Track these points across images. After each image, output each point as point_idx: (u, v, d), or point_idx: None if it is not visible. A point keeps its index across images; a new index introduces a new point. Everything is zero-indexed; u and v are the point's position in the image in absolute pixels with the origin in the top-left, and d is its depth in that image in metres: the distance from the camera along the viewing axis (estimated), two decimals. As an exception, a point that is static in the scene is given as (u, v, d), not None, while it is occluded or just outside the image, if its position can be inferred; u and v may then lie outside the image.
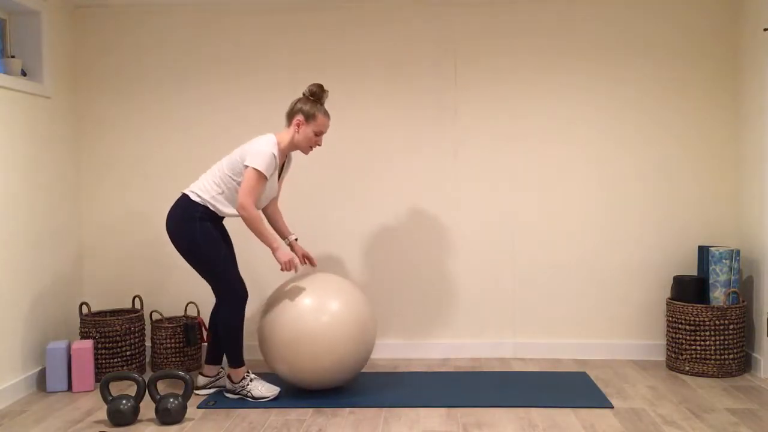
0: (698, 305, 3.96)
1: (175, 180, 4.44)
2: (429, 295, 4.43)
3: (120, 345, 4.08)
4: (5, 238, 3.72)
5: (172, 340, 4.19)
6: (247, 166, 3.48)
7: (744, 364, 4.01)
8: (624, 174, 4.33)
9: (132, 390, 3.86)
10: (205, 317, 4.45)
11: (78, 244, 4.45)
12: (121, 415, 3.32)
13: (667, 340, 4.13)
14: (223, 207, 3.58)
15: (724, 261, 3.97)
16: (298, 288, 3.60)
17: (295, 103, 3.63)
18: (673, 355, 4.08)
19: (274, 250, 3.55)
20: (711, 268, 4.02)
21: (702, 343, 3.95)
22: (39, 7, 4.05)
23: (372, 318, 3.68)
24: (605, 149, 4.33)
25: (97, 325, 4.05)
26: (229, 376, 3.67)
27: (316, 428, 3.25)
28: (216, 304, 3.70)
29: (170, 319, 4.35)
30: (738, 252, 3.99)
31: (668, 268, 4.33)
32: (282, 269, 3.56)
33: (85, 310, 4.32)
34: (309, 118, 3.58)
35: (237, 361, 3.63)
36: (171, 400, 3.35)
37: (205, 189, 3.58)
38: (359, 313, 3.59)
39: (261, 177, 3.48)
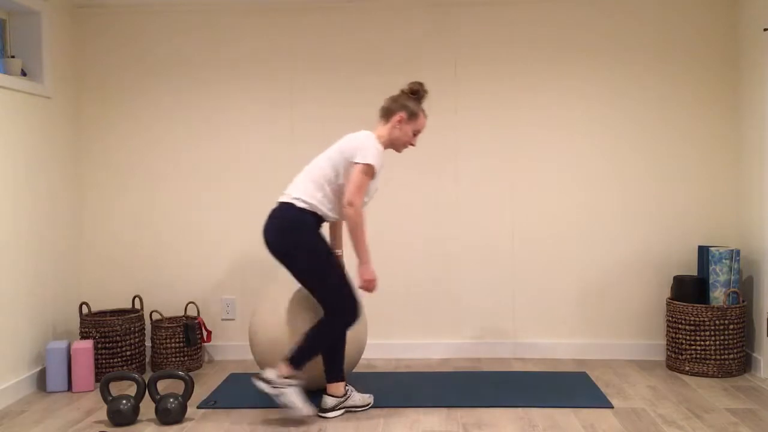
0: (698, 305, 3.96)
1: (176, 180, 4.44)
2: (429, 295, 4.43)
3: (120, 345, 4.08)
4: (5, 237, 3.72)
5: (172, 340, 4.19)
6: (356, 163, 3.26)
7: (744, 364, 4.01)
8: (624, 174, 4.33)
9: (132, 390, 3.86)
10: (205, 317, 4.46)
11: (78, 245, 4.45)
12: (121, 415, 3.31)
13: (667, 340, 4.13)
14: (328, 211, 3.34)
15: (724, 261, 3.97)
16: (287, 288, 3.62)
17: (396, 100, 3.43)
18: (673, 355, 4.08)
19: (363, 262, 3.29)
20: (711, 268, 4.02)
21: (702, 343, 3.95)
22: (39, 7, 4.05)
23: (362, 319, 3.68)
24: (605, 149, 4.33)
25: (97, 325, 4.05)
26: (327, 393, 3.40)
27: (316, 428, 3.25)
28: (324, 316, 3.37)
29: (170, 319, 4.35)
30: (738, 252, 3.99)
31: (668, 268, 4.33)
32: (360, 286, 3.32)
33: (85, 310, 4.32)
34: (412, 116, 3.41)
35: (339, 375, 3.40)
36: (171, 400, 3.35)
37: (309, 194, 3.32)
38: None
39: (371, 172, 3.27)
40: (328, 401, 3.39)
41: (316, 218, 3.33)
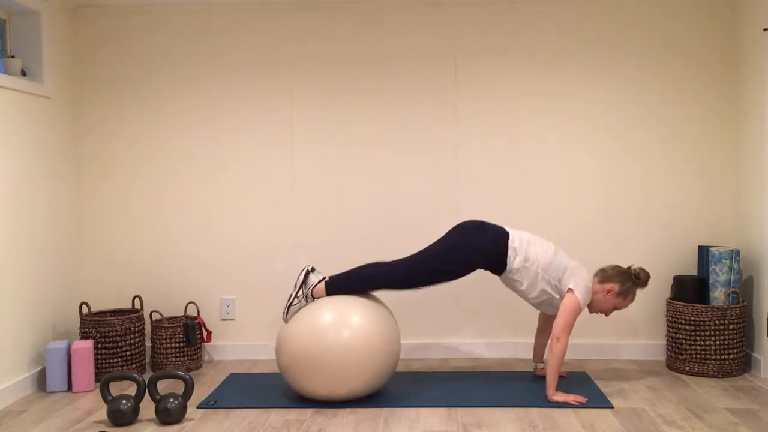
0: (698, 305, 3.96)
1: (176, 180, 4.44)
2: (429, 295, 4.42)
3: (120, 345, 4.08)
4: (5, 237, 3.72)
5: (172, 340, 4.19)
6: (571, 290, 3.55)
7: (744, 364, 4.01)
8: (624, 173, 4.33)
9: (132, 390, 3.86)
10: (205, 317, 4.46)
11: (78, 244, 4.45)
12: (121, 415, 3.32)
13: (667, 340, 4.13)
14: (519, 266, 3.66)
15: (724, 261, 3.97)
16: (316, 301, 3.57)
17: (621, 273, 3.67)
18: (673, 355, 4.08)
19: (549, 387, 3.55)
20: (711, 268, 4.02)
21: (702, 343, 3.95)
22: (39, 7, 4.05)
23: (396, 329, 3.60)
24: (605, 148, 4.33)
25: (97, 325, 4.05)
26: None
27: (316, 428, 3.25)
28: None
29: (170, 319, 4.35)
30: (738, 252, 3.99)
31: (668, 268, 4.33)
32: (571, 401, 3.50)
33: (85, 310, 4.32)
34: (622, 294, 3.68)
35: (332, 281, 3.62)
36: (171, 400, 3.35)
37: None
38: (383, 324, 3.51)
39: (579, 310, 3.56)
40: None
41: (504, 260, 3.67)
